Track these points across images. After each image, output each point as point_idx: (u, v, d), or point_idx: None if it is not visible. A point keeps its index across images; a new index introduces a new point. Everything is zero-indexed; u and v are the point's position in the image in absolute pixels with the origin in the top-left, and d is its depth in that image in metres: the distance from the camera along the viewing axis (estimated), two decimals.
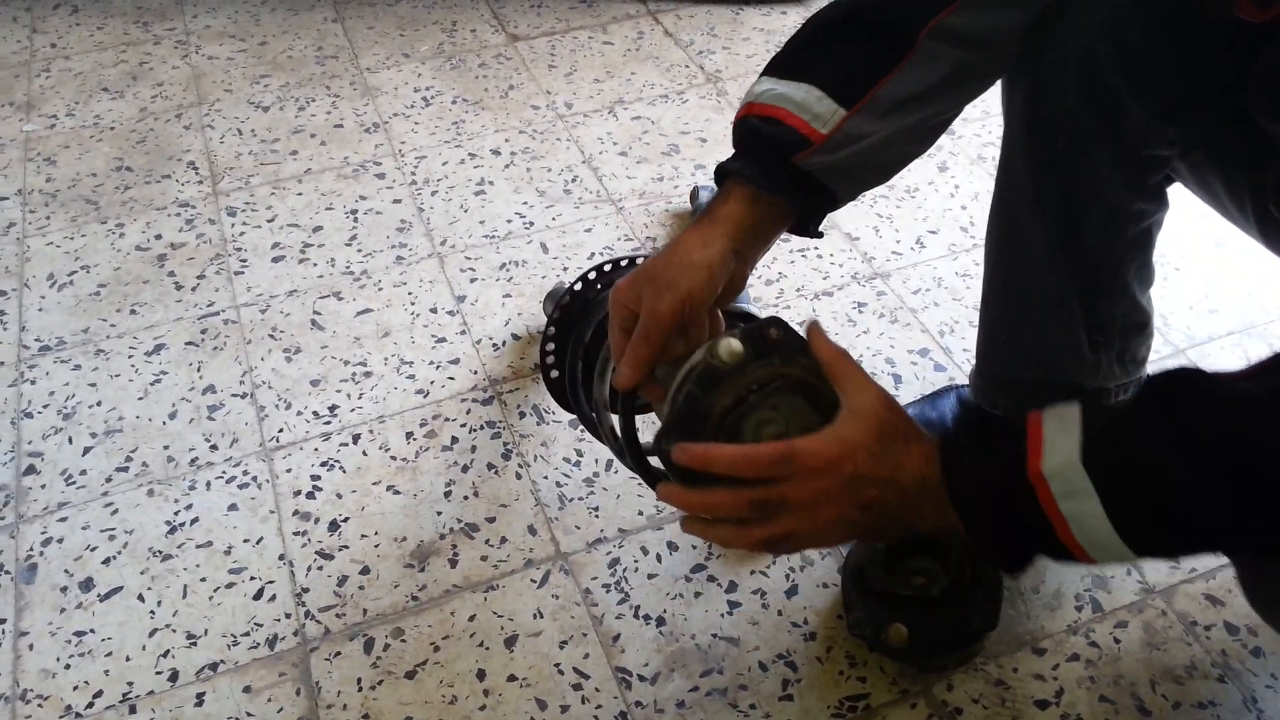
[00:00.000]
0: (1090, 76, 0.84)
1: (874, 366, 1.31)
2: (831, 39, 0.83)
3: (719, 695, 0.98)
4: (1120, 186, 0.92)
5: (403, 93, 1.83)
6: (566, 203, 1.58)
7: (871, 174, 0.86)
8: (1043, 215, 0.94)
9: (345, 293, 1.43)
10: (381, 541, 1.12)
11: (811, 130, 0.79)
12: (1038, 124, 0.90)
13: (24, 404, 1.29)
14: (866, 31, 0.81)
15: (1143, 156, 0.90)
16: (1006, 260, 1.02)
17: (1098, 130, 0.87)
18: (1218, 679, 0.98)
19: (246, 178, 1.65)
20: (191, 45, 1.98)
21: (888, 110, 0.80)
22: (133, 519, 1.15)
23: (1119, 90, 0.84)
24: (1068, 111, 0.87)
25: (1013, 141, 0.94)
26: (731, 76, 1.85)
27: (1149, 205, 0.96)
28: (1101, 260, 0.97)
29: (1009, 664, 1.00)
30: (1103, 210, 0.93)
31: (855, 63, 0.80)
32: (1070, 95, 0.86)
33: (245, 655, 1.03)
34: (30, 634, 1.05)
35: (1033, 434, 0.64)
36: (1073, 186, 0.92)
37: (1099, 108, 0.86)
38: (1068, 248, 0.95)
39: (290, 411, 1.27)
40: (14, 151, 1.72)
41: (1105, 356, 1.03)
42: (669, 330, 0.77)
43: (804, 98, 0.79)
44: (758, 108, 0.80)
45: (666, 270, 0.77)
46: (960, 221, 1.53)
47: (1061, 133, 0.89)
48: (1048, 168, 0.92)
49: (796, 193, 0.80)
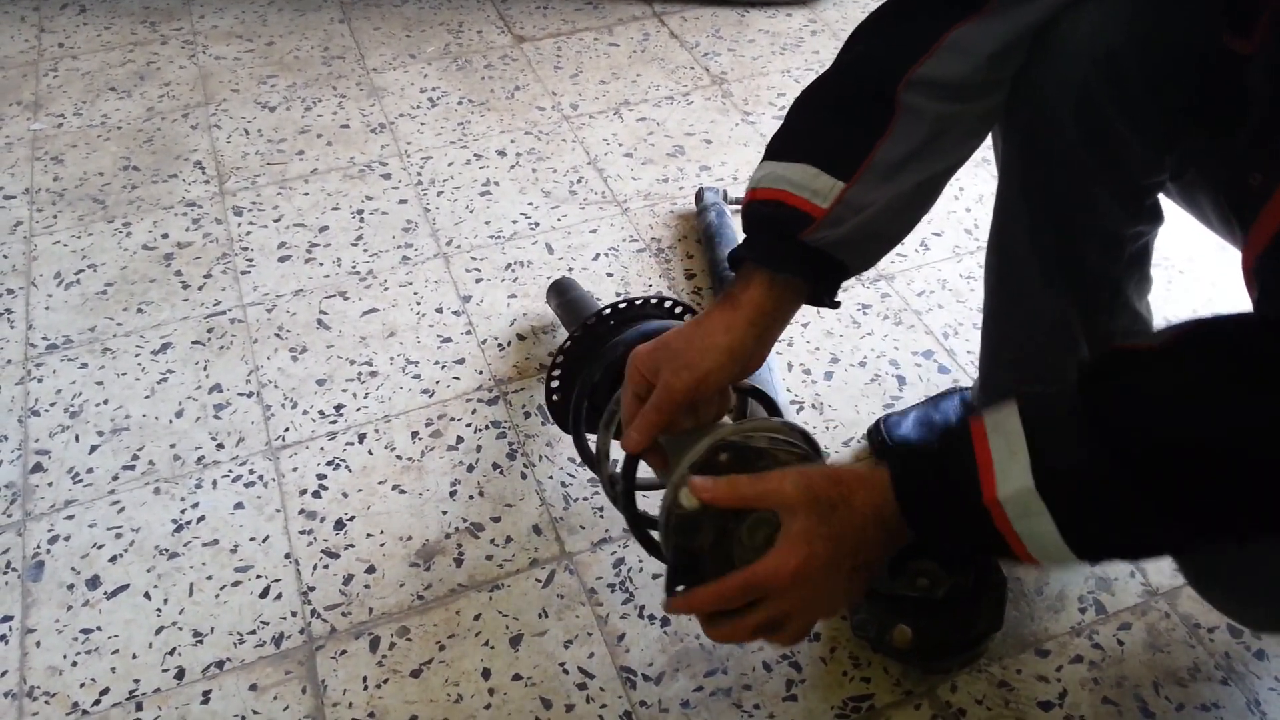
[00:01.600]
0: (1088, 115, 0.84)
1: (878, 368, 1.31)
2: (819, 115, 0.84)
3: (723, 695, 0.98)
4: (1118, 215, 0.92)
5: (409, 93, 1.84)
6: (572, 204, 1.59)
7: (879, 243, 0.87)
8: (1041, 246, 0.95)
9: (351, 292, 1.44)
10: (387, 540, 1.13)
11: (812, 206, 0.80)
12: (1034, 160, 0.90)
13: (31, 402, 1.29)
14: (849, 101, 0.83)
15: (1141, 186, 0.91)
16: (1006, 287, 1.03)
17: (1097, 167, 0.87)
18: (1221, 681, 0.98)
19: (253, 177, 1.65)
20: (198, 45, 1.99)
21: (885, 175, 0.81)
22: (139, 517, 1.16)
23: (1119, 127, 0.84)
24: (1066, 149, 0.87)
25: (1009, 175, 0.94)
26: (737, 78, 1.86)
27: (1145, 225, 0.96)
28: (1101, 281, 0.98)
29: (1013, 665, 1.00)
30: (1101, 237, 0.94)
31: (844, 134, 0.81)
32: (1068, 133, 0.86)
33: (251, 653, 1.03)
34: (37, 631, 1.05)
35: (982, 458, 0.66)
36: (1071, 219, 0.92)
37: (1098, 145, 0.86)
38: (1067, 273, 0.96)
39: (296, 410, 1.27)
40: (21, 150, 1.72)
41: None
42: (681, 406, 0.82)
43: (800, 177, 0.80)
44: (760, 193, 0.82)
45: (688, 350, 0.81)
46: (965, 224, 1.53)
47: (1059, 169, 0.88)
48: (1045, 202, 0.92)
49: (807, 269, 0.82)
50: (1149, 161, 0.88)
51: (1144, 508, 0.62)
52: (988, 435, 0.67)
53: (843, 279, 0.85)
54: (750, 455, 0.78)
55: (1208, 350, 0.63)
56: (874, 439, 1.18)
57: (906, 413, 1.19)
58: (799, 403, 1.27)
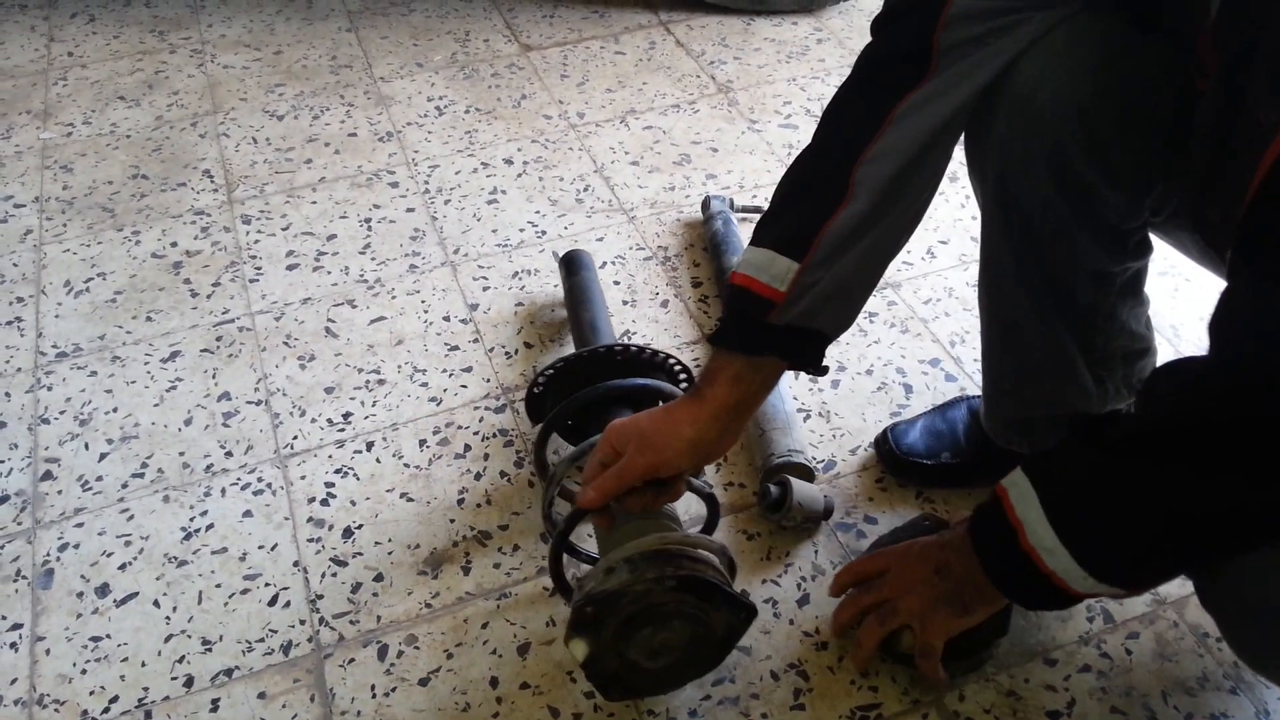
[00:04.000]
0: (1061, 169, 0.86)
1: (884, 377, 1.31)
2: (785, 199, 0.90)
3: (730, 704, 0.98)
4: (1102, 256, 0.94)
5: (416, 102, 1.85)
6: (578, 212, 1.59)
7: (844, 305, 0.91)
8: (1029, 285, 0.96)
9: (359, 301, 1.44)
10: (395, 548, 1.13)
11: (772, 291, 0.86)
12: (1012, 209, 0.91)
13: (41, 410, 1.30)
14: (809, 184, 0.88)
15: (1121, 230, 0.92)
16: (999, 322, 1.04)
17: (1072, 216, 0.89)
18: (1230, 691, 0.98)
19: (261, 186, 1.66)
20: (207, 54, 2.00)
21: (832, 250, 0.85)
22: (148, 525, 1.16)
23: (1092, 181, 0.86)
24: (1041, 200, 0.88)
25: (991, 221, 0.95)
26: (743, 86, 1.86)
27: (1133, 261, 0.97)
28: (1094, 311, 0.98)
29: (1020, 674, 1.00)
30: (1088, 275, 0.95)
31: (801, 217, 0.87)
32: (1042, 184, 0.87)
33: (260, 661, 1.03)
34: (47, 639, 1.06)
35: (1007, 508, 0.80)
36: (1055, 261, 0.93)
37: (1072, 197, 0.87)
38: (1059, 307, 0.97)
39: (304, 419, 1.28)
40: (31, 159, 1.73)
41: (1110, 385, 1.04)
42: (637, 481, 0.91)
43: (761, 261, 0.87)
44: (736, 276, 0.89)
45: (656, 435, 0.90)
46: (971, 231, 1.53)
47: (1036, 218, 0.90)
48: (1028, 248, 0.93)
49: (781, 347, 0.88)
50: (1126, 208, 0.89)
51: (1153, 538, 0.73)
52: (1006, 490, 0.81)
53: (824, 345, 0.91)
54: (612, 600, 0.87)
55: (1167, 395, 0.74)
56: (881, 448, 1.18)
57: (914, 421, 1.19)
58: (805, 410, 1.27)
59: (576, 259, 1.37)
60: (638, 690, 0.94)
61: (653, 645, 0.90)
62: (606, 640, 0.88)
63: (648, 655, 0.90)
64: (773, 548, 1.12)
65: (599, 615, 0.87)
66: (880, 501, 1.16)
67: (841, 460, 1.21)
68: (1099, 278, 0.95)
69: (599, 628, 0.87)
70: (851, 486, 1.18)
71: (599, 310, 1.29)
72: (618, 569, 0.88)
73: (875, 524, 1.14)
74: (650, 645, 0.89)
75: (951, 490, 1.17)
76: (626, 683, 0.92)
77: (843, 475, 1.19)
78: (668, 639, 0.90)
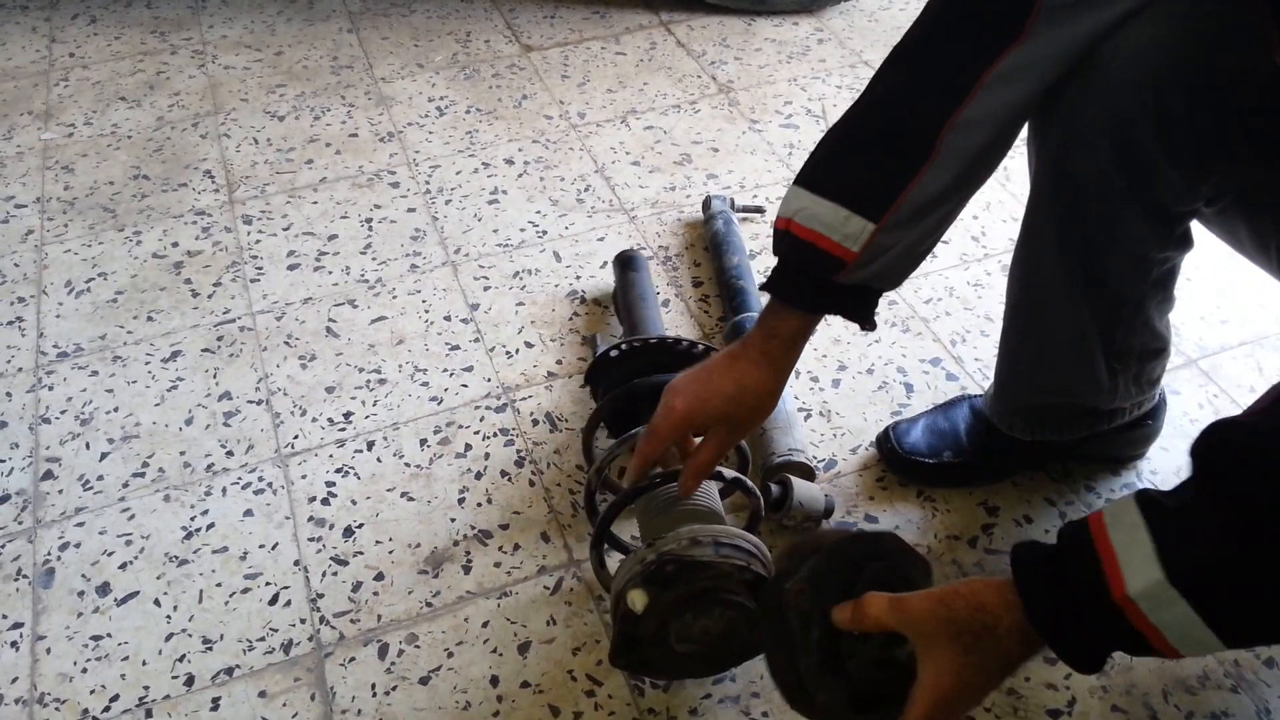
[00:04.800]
0: (1125, 140, 0.83)
1: (886, 376, 1.31)
2: (855, 150, 0.85)
3: (731, 703, 0.98)
4: (1146, 238, 0.92)
5: (417, 102, 1.85)
6: (579, 211, 1.59)
7: (910, 265, 0.89)
8: (1067, 262, 0.94)
9: (360, 300, 1.44)
10: (396, 548, 1.13)
11: (844, 251, 0.83)
12: (1067, 178, 0.89)
13: (42, 409, 1.30)
14: (886, 140, 0.83)
15: (1173, 213, 0.90)
16: (1029, 300, 1.02)
17: (1128, 190, 0.86)
18: (1231, 689, 0.98)
19: (262, 186, 1.66)
20: (208, 55, 2.00)
21: (912, 216, 0.83)
22: (149, 524, 1.16)
23: (1154, 155, 0.83)
24: (1099, 171, 0.86)
25: (1040, 189, 0.93)
26: (743, 87, 1.86)
27: (1174, 251, 0.96)
28: (1124, 300, 0.97)
29: (1021, 673, 1.00)
30: (1127, 259, 0.94)
31: (880, 174, 0.82)
32: (1102, 155, 0.85)
33: (260, 660, 1.03)
34: (48, 638, 1.06)
35: (1105, 557, 0.64)
36: (1098, 238, 0.92)
37: (1131, 171, 0.85)
38: (1090, 291, 0.95)
39: (305, 418, 1.28)
40: (32, 160, 1.73)
41: (1122, 380, 1.04)
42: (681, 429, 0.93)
43: (833, 219, 0.83)
44: (796, 226, 0.85)
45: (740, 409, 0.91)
46: (972, 231, 1.53)
47: (1090, 188, 0.88)
48: (1074, 219, 0.92)
49: (845, 304, 0.87)
50: (1183, 189, 0.87)
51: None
52: (1107, 530, 0.65)
53: (876, 300, 0.89)
54: (695, 569, 0.87)
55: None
56: (883, 446, 1.18)
57: (916, 420, 1.19)
58: (806, 410, 1.27)
59: (633, 259, 1.40)
60: (646, 666, 0.94)
61: (692, 629, 0.89)
62: (663, 604, 0.87)
63: (680, 636, 0.89)
64: (773, 547, 1.12)
65: (674, 577, 0.86)
66: (881, 500, 1.16)
67: (842, 459, 1.21)
68: (1137, 264, 0.94)
69: (666, 589, 0.86)
70: (852, 486, 1.18)
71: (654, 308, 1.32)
72: (704, 543, 0.88)
73: (876, 523, 1.14)
74: (690, 628, 0.89)
75: (953, 489, 1.16)
76: (644, 655, 0.91)
77: (844, 474, 1.19)
78: (707, 627, 0.89)
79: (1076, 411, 1.08)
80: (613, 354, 1.14)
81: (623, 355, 1.13)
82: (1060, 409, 1.07)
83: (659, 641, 0.90)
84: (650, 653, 0.91)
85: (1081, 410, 1.07)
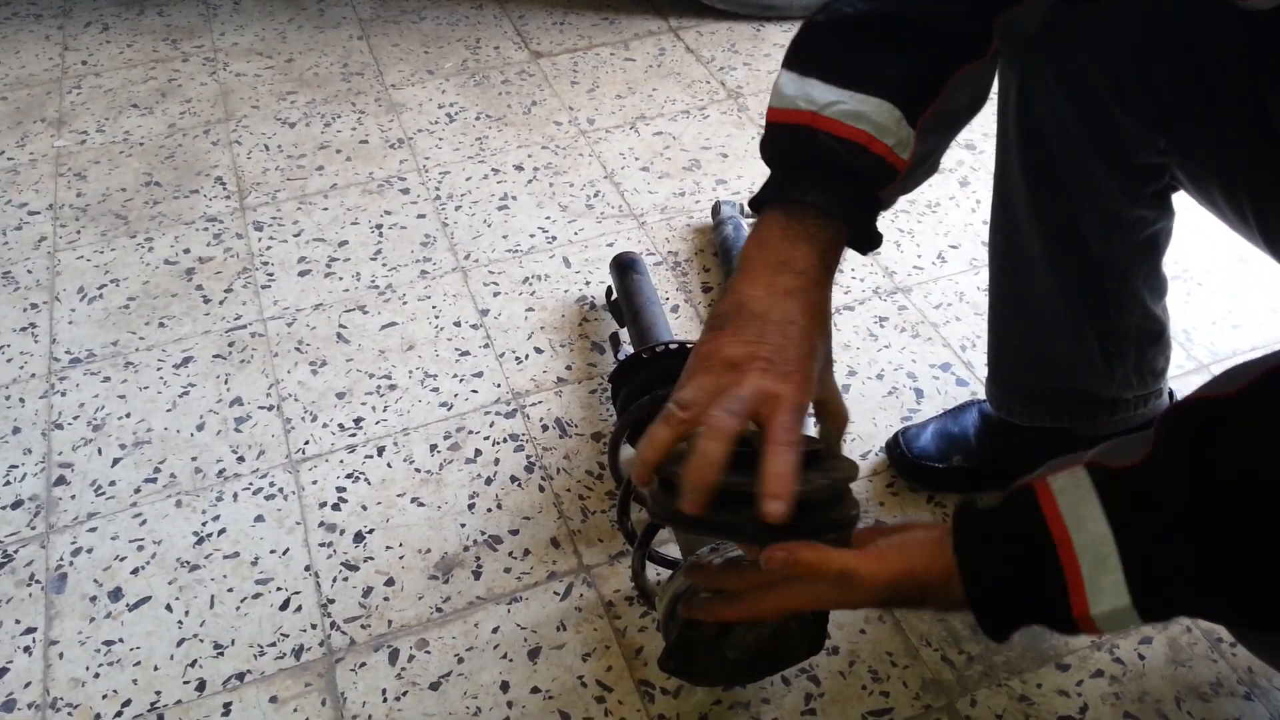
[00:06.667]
0: (1079, 89, 0.85)
1: (895, 381, 1.31)
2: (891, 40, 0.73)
3: (741, 709, 0.98)
4: (1116, 193, 0.92)
5: (427, 109, 1.85)
6: (589, 217, 1.59)
7: (914, 184, 0.84)
8: (1040, 222, 0.95)
9: (370, 306, 1.45)
10: (406, 553, 1.13)
11: (897, 158, 0.72)
12: (1031, 132, 0.90)
13: (54, 415, 1.31)
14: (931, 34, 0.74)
15: (1136, 165, 0.90)
16: (1009, 265, 1.03)
17: (1089, 140, 0.87)
18: (1244, 696, 0.98)
19: (273, 193, 1.67)
20: (219, 62, 2.01)
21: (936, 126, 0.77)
22: (161, 529, 1.17)
23: (1107, 103, 0.85)
24: (1059, 122, 0.87)
25: (1008, 147, 0.95)
26: (753, 92, 1.86)
27: (1150, 212, 0.95)
28: (1106, 267, 0.97)
29: (1033, 680, 1.00)
30: (1101, 217, 0.94)
31: (924, 73, 0.73)
32: (1060, 106, 0.86)
33: (271, 665, 1.04)
34: (60, 643, 1.06)
35: (1070, 571, 0.61)
36: (1069, 194, 0.92)
37: (1089, 119, 0.86)
38: (1068, 254, 0.96)
39: (316, 424, 1.28)
40: (45, 167, 1.74)
41: (1120, 367, 1.03)
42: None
43: (885, 120, 0.71)
44: (832, 124, 0.71)
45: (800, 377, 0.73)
46: (982, 236, 1.53)
47: (1054, 141, 0.89)
48: (1043, 175, 0.92)
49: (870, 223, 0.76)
50: (1140, 138, 0.87)
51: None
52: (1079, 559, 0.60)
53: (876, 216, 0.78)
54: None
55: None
56: (892, 451, 1.18)
57: (925, 425, 1.19)
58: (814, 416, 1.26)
59: (634, 261, 1.39)
60: (691, 673, 0.89)
61: (745, 638, 0.86)
62: None
63: (733, 644, 0.86)
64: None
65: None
66: (891, 505, 1.16)
67: None
68: (1111, 223, 0.94)
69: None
70: (862, 491, 1.18)
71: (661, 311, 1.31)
72: None
73: None
74: (744, 636, 0.86)
75: (963, 494, 1.16)
76: (693, 660, 0.86)
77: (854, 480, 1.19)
78: (760, 635, 0.86)
79: (1074, 397, 1.07)
80: (644, 355, 1.13)
81: (656, 357, 1.12)
82: (1057, 393, 1.06)
83: (714, 648, 0.87)
84: (702, 658, 0.87)
85: (1079, 395, 1.06)
